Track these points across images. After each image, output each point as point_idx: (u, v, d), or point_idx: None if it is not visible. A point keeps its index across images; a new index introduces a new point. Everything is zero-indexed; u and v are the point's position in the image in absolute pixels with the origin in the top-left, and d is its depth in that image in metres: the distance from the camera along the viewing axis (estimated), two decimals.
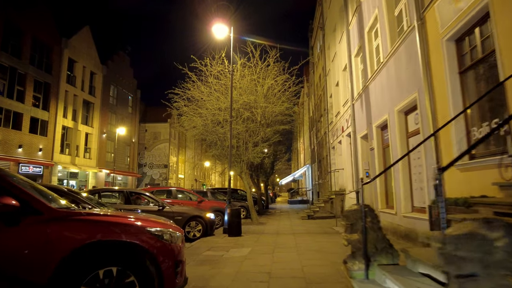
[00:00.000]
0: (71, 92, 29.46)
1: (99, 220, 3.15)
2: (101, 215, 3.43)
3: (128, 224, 3.16)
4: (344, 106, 14.45)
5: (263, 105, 13.66)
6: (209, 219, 9.43)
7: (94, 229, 2.97)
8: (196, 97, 14.14)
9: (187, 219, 9.13)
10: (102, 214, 3.50)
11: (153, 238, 3.18)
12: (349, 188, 13.92)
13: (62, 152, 28.55)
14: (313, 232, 10.34)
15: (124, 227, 3.10)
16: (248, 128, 14.09)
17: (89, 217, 3.16)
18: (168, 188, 13.20)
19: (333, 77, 17.24)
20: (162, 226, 3.44)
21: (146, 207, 8.80)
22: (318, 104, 23.43)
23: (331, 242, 8.08)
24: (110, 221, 3.16)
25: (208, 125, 13.87)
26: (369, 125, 10.50)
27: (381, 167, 9.73)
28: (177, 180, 55.78)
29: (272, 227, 12.04)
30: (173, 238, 3.39)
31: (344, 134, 14.41)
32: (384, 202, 9.58)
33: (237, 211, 9.46)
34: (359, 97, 11.75)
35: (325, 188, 19.85)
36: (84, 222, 3.03)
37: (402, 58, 7.56)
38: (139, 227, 3.20)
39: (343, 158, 15.03)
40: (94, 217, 3.23)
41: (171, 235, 3.37)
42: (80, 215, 3.13)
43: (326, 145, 19.96)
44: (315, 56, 25.28)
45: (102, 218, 3.26)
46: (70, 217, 3.01)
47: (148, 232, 3.20)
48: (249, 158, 14.13)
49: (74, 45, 29.70)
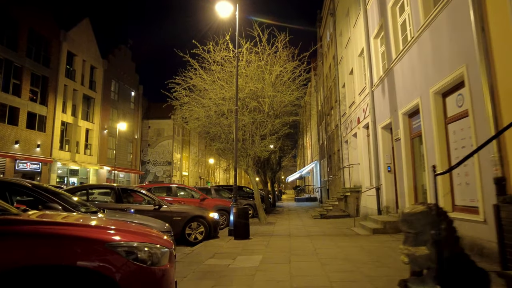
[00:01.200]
0: (70, 86, 28.47)
1: (30, 232, 1.98)
2: (43, 223, 2.25)
3: (77, 238, 1.99)
4: (360, 94, 13.20)
5: (271, 94, 12.45)
6: (212, 220, 8.28)
7: (17, 247, 1.81)
8: (198, 86, 12.97)
9: (188, 219, 7.99)
10: (45, 222, 2.31)
11: (120, 260, 2.01)
12: (365, 184, 12.69)
13: (62, 148, 27.60)
14: (331, 233, 9.14)
15: (70, 242, 1.93)
16: (254, 119, 12.91)
17: (19, 227, 2.00)
18: (167, 185, 12.07)
19: (346, 65, 15.97)
20: (139, 239, 2.27)
21: (141, 206, 7.67)
22: (328, 96, 22.15)
23: (356, 247, 6.89)
24: (50, 233, 1.99)
25: (211, 116, 12.70)
26: (394, 113, 9.26)
27: (409, 160, 8.50)
28: (181, 177, 54.82)
29: (282, 227, 10.87)
30: (154, 256, 2.23)
31: (360, 126, 13.16)
32: (413, 199, 8.35)
33: (244, 211, 8.29)
34: (380, 83, 10.50)
35: (337, 185, 18.62)
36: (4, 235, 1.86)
37: (443, 28, 6.31)
38: (93, 242, 2.03)
39: (359, 152, 13.79)
40: (27, 227, 2.06)
41: (150, 253, 2.21)
42: (8, 224, 1.97)
43: (337, 139, 18.70)
44: (324, 45, 23.98)
45: (39, 228, 2.09)
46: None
47: (111, 249, 2.03)
48: (256, 152, 12.95)
49: (73, 38, 28.66)
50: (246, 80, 12.39)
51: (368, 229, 9.17)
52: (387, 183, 10.36)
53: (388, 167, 10.41)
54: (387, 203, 10.27)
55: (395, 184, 10.25)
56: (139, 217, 5.64)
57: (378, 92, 10.77)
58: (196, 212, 8.18)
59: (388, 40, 9.62)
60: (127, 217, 5.11)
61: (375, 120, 11.09)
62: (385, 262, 5.33)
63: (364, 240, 7.83)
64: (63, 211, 4.07)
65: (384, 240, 7.59)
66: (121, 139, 37.08)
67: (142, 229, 2.74)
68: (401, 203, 8.90)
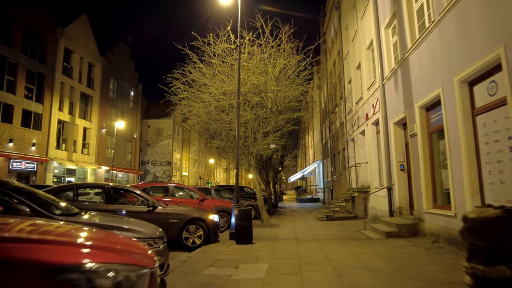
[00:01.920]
0: (67, 84, 27.79)
1: None
2: None
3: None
4: (368, 89, 12.48)
5: (275, 89, 11.74)
6: (212, 222, 7.57)
7: None
8: (198, 81, 12.26)
9: (185, 222, 7.27)
10: None
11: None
12: (375, 184, 11.97)
13: (58, 147, 26.91)
14: (340, 237, 8.42)
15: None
16: (257, 115, 12.21)
17: None
18: (164, 185, 11.35)
19: (352, 60, 15.26)
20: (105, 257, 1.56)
21: (133, 208, 6.97)
22: (332, 93, 21.45)
23: (372, 253, 6.18)
24: None
25: (211, 112, 12.00)
26: (409, 107, 8.54)
27: (427, 157, 7.78)
28: (181, 177, 54.11)
29: (287, 230, 10.15)
30: (124, 283, 1.50)
31: (369, 122, 12.45)
32: (431, 200, 7.64)
33: (247, 213, 7.57)
34: (392, 75, 9.78)
35: (342, 186, 17.90)
36: None
37: (472, 7, 5.59)
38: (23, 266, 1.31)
39: (367, 150, 13.07)
40: None
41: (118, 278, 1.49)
42: None
43: (342, 137, 17.99)
44: (328, 41, 23.29)
45: None
46: None
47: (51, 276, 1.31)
48: (259, 150, 12.25)
49: (70, 34, 27.99)
50: (248, 74, 11.69)
51: (380, 232, 8.46)
52: (400, 182, 9.64)
53: (401, 166, 9.70)
54: (400, 204, 9.55)
55: (408, 183, 9.55)
56: (127, 220, 4.93)
57: (390, 85, 10.06)
58: (194, 214, 7.47)
59: (402, 28, 8.90)
60: (113, 221, 4.40)
61: (386, 115, 10.37)
62: (412, 273, 4.62)
63: (379, 245, 7.11)
64: (30, 214, 3.37)
65: (401, 245, 6.87)
66: (119, 138, 36.40)
67: (117, 241, 2.04)
68: (417, 204, 8.18)
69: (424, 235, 7.67)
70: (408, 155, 9.55)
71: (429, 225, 7.44)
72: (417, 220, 8.08)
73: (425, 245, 6.75)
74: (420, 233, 7.93)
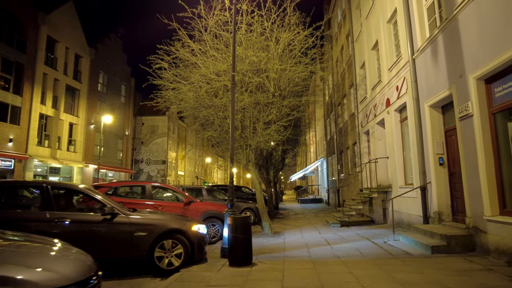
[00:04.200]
0: (50, 75, 25.59)
1: None
2: None
3: None
4: (390, 70, 10.44)
5: (279, 68, 9.69)
6: (196, 235, 5.49)
7: None
8: (186, 60, 10.18)
9: (158, 235, 5.20)
10: None
11: None
12: (398, 183, 9.94)
13: (40, 144, 24.72)
14: (369, 253, 6.36)
15: None
16: (257, 101, 10.17)
17: None
18: (141, 184, 9.22)
19: (367, 40, 13.22)
20: None
21: (81, 216, 4.90)
22: (340, 83, 19.41)
23: (432, 284, 4.13)
24: None
25: (201, 96, 9.91)
26: (457, 81, 6.50)
27: (489, 145, 5.73)
28: (176, 177, 52.02)
29: (295, 241, 8.09)
30: None
31: (390, 109, 10.40)
32: (496, 204, 5.58)
33: (244, 222, 5.48)
34: (427, 45, 7.74)
35: (352, 185, 15.86)
36: None
37: None
38: None
39: (387, 142, 11.03)
40: None
41: None
42: None
43: (353, 131, 15.95)
44: (334, 27, 21.25)
45: None
46: None
47: None
48: (259, 143, 10.20)
49: (54, 22, 25.81)
50: (246, 47, 9.61)
51: (421, 245, 6.41)
52: (439, 180, 7.60)
53: (439, 159, 7.65)
54: (439, 208, 7.51)
55: (449, 182, 7.51)
56: (41, 245, 2.86)
57: (423, 59, 8.01)
58: (171, 224, 5.38)
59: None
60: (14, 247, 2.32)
61: (418, 97, 8.32)
62: None
63: (430, 266, 5.06)
64: None
65: (464, 269, 4.83)
66: (110, 135, 34.26)
67: None
68: (471, 208, 6.13)
69: (486, 251, 5.63)
70: (449, 145, 7.51)
71: (496, 238, 5.40)
72: (473, 230, 6.03)
73: (501, 270, 4.70)
74: (477, 248, 5.89)
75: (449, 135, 7.50)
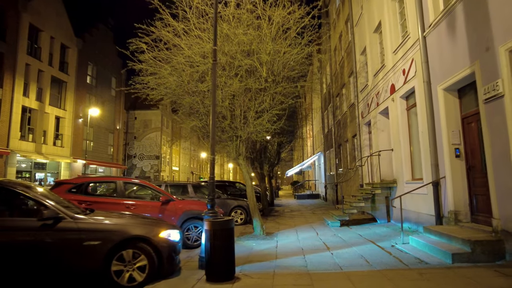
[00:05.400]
0: (34, 66, 24.28)
1: None
2: None
3: None
4: (395, 52, 9.37)
5: (272, 49, 8.59)
6: (165, 243, 4.43)
7: None
8: (168, 41, 9.04)
9: (115, 244, 4.14)
10: None
11: None
12: (405, 178, 8.93)
13: (24, 138, 23.49)
14: (378, 261, 5.35)
15: None
16: (248, 87, 9.09)
17: None
18: (111, 180, 8.09)
19: (368, 23, 12.13)
20: None
21: (11, 222, 3.81)
22: (338, 73, 18.34)
23: None
24: None
25: (185, 82, 8.80)
26: (481, 56, 5.45)
27: None
28: (170, 172, 50.88)
29: (290, 245, 7.06)
30: None
31: (396, 96, 9.36)
32: None
33: (225, 227, 4.42)
34: (442, 19, 6.68)
35: (351, 180, 14.86)
36: None
37: None
38: None
39: (392, 133, 10.01)
40: None
41: None
42: None
43: (352, 122, 14.93)
44: (333, 13, 20.11)
45: None
46: None
47: None
48: (251, 133, 9.13)
49: (37, 9, 24.44)
50: (235, 26, 8.50)
51: (438, 252, 5.40)
52: (455, 175, 6.58)
53: (456, 150, 6.62)
54: (455, 207, 6.50)
55: (467, 176, 6.50)
56: None
57: (437, 35, 6.95)
58: (134, 229, 4.32)
59: None
60: None
61: (429, 79, 7.28)
62: None
63: (456, 283, 4.05)
64: None
65: (500, 286, 3.81)
66: (100, 129, 33.05)
67: None
68: (500, 207, 5.11)
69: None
70: (467, 134, 6.49)
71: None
72: (502, 234, 5.02)
73: None
74: (507, 256, 4.89)
75: (468, 122, 6.48)
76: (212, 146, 5.51)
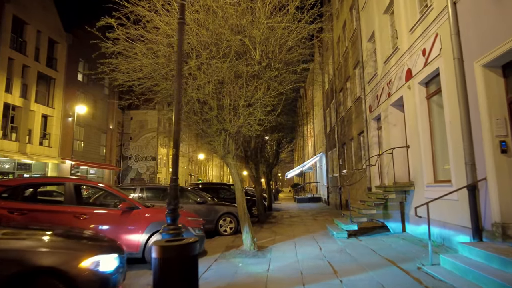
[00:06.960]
0: (18, 61, 22.83)
1: None
2: None
3: None
4: (412, 31, 7.87)
5: (265, 23, 7.11)
6: (88, 278, 2.91)
7: None
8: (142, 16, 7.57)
9: (10, 281, 2.61)
10: None
11: None
12: (425, 180, 7.41)
13: (6, 137, 22.01)
14: None
15: None
16: (238, 74, 7.64)
17: None
18: (57, 181, 6.53)
19: (377, 4, 10.65)
20: None
21: None
22: (341, 65, 16.85)
23: None
24: None
25: (161, 63, 7.33)
26: None
27: None
28: (167, 174, 49.35)
29: (286, 267, 5.53)
30: None
31: (413, 82, 7.85)
32: None
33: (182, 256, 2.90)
34: None
35: (357, 182, 13.32)
36: None
37: None
38: None
39: (409, 127, 8.49)
40: None
41: None
42: None
43: (358, 118, 13.42)
44: (335, 2, 18.66)
45: None
46: None
47: None
48: (242, 125, 7.64)
49: (22, 1, 23.06)
50: None
51: (492, 284, 3.88)
52: (502, 176, 5.07)
53: (502, 144, 5.11)
54: (502, 218, 4.98)
55: None
56: None
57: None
58: (42, 258, 2.72)
59: None
60: None
61: (461, 56, 5.78)
62: None
63: None
64: None
65: None
66: (92, 129, 31.58)
67: None
68: None
69: None
70: None
71: None
72: None
73: None
74: None
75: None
76: (176, 135, 4.02)
